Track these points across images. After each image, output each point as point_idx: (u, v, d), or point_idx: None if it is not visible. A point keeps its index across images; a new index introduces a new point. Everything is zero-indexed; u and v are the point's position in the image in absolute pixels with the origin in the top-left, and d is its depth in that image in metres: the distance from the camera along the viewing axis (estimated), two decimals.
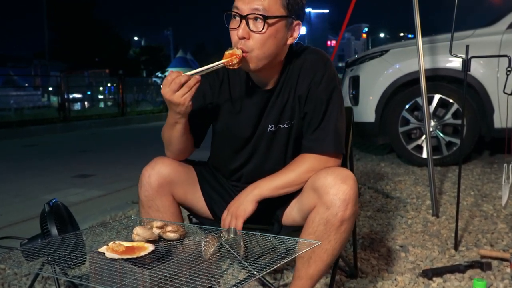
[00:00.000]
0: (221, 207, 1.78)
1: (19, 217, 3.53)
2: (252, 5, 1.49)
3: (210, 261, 1.29)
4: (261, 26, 1.50)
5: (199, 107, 1.68)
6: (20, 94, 18.40)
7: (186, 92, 1.46)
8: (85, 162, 6.37)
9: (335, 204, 1.50)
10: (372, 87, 4.70)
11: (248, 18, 1.50)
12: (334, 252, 1.57)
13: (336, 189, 1.50)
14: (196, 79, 1.47)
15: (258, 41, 1.52)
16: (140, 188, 1.70)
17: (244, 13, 1.49)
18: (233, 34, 1.53)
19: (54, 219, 1.75)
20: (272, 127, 1.68)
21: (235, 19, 1.53)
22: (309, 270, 1.58)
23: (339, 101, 1.66)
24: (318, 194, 1.53)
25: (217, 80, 1.71)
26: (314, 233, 1.53)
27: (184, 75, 1.46)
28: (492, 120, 4.31)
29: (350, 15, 4.50)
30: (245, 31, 1.51)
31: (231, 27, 1.54)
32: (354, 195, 1.52)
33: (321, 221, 1.52)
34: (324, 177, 1.53)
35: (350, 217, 1.52)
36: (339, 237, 1.54)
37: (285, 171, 1.65)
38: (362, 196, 3.55)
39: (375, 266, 2.26)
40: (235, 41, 1.53)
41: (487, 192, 3.55)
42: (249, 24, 1.50)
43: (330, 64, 1.66)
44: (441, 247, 2.47)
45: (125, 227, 1.67)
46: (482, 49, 4.15)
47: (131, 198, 3.78)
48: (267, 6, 1.49)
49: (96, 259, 1.28)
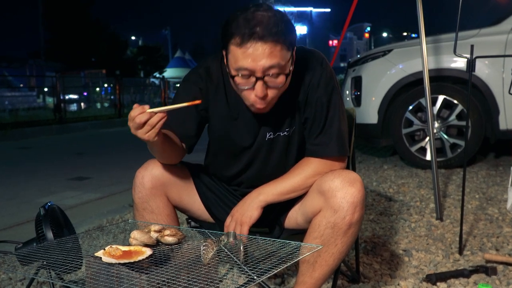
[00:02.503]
0: (219, 208, 1.78)
1: (14, 220, 3.54)
2: (267, 63, 1.43)
3: (209, 266, 1.29)
4: (281, 80, 1.48)
5: (190, 115, 1.67)
6: (15, 95, 18.39)
7: (149, 130, 1.41)
8: (81, 165, 6.37)
9: (343, 207, 1.50)
10: (375, 88, 4.71)
11: (265, 77, 1.46)
12: (340, 256, 1.58)
13: (344, 192, 1.50)
14: (160, 116, 1.39)
15: (277, 92, 1.51)
16: (134, 190, 1.71)
17: (259, 74, 1.44)
18: (247, 93, 1.50)
19: (50, 223, 1.75)
20: (271, 134, 1.67)
21: (244, 78, 1.47)
22: (314, 274, 1.59)
23: (339, 102, 1.65)
24: (324, 197, 1.54)
25: (211, 85, 1.68)
26: (320, 237, 1.54)
27: (146, 113, 1.38)
28: (498, 121, 4.31)
29: (352, 14, 4.51)
30: (264, 89, 1.47)
31: (242, 87, 1.49)
32: (362, 198, 1.53)
33: (328, 225, 1.53)
34: (331, 180, 1.54)
35: (358, 220, 1.53)
36: (346, 241, 1.55)
37: (290, 175, 1.65)
38: (365, 199, 3.55)
39: (377, 271, 2.26)
40: (252, 99, 1.50)
41: (492, 195, 3.55)
42: (266, 81, 1.47)
43: (326, 64, 1.64)
44: (445, 251, 2.47)
45: (122, 231, 1.67)
46: (487, 49, 4.16)
47: (128, 201, 3.78)
48: (282, 59, 1.44)
49: (93, 264, 1.29)
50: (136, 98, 20.43)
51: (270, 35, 1.41)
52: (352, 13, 4.49)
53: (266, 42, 1.41)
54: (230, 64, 1.48)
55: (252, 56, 1.42)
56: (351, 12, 4.48)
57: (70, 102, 18.49)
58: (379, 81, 4.69)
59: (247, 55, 1.42)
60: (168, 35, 59.86)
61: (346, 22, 4.63)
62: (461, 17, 2.59)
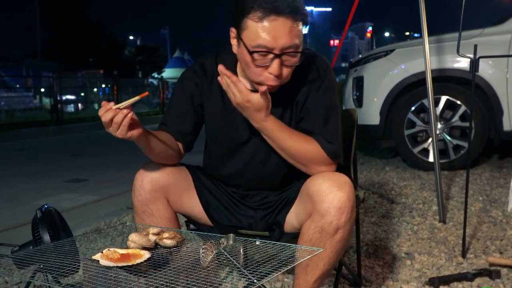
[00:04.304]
0: (218, 212, 1.78)
1: (10, 223, 3.54)
2: (288, 42, 1.45)
3: (208, 269, 1.29)
4: (297, 59, 1.50)
5: (186, 111, 1.68)
6: (11, 95, 18.43)
7: (117, 128, 1.41)
8: (79, 166, 6.37)
9: (329, 213, 1.49)
10: (377, 88, 4.71)
11: (282, 55, 1.48)
12: (330, 261, 1.57)
13: (331, 197, 1.49)
14: (124, 113, 1.39)
15: (290, 71, 1.53)
16: (133, 192, 1.70)
17: (277, 52, 1.46)
18: (261, 70, 1.50)
19: (47, 226, 1.75)
20: None
21: (261, 55, 1.48)
22: (307, 278, 1.59)
23: (339, 113, 1.66)
24: (313, 201, 1.53)
25: (205, 80, 1.70)
26: (309, 241, 1.54)
27: (111, 111, 1.39)
28: (501, 122, 4.31)
29: (353, 14, 4.51)
30: (280, 67, 1.49)
31: (259, 64, 1.49)
32: (350, 203, 1.51)
33: (316, 229, 1.52)
34: (320, 184, 1.52)
35: (345, 224, 1.51)
36: (334, 246, 1.54)
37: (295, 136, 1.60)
38: (366, 201, 3.56)
39: (379, 274, 2.26)
40: (264, 77, 1.51)
41: (496, 197, 3.55)
42: (283, 60, 1.49)
43: (330, 70, 1.66)
44: (448, 255, 2.48)
45: (120, 234, 1.67)
46: (490, 49, 4.16)
47: (126, 204, 3.78)
48: (300, 37, 1.48)
49: (90, 267, 1.29)
50: None
51: (290, 11, 1.43)
52: (354, 13, 4.49)
53: (287, 17, 1.43)
54: (247, 41, 1.48)
55: (272, 32, 1.43)
56: (352, 11, 4.49)
57: (67, 102, 18.48)
58: (381, 82, 4.69)
59: (267, 31, 1.44)
60: (167, 35, 59.93)
61: (348, 21, 4.64)
62: (464, 16, 2.60)
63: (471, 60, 2.41)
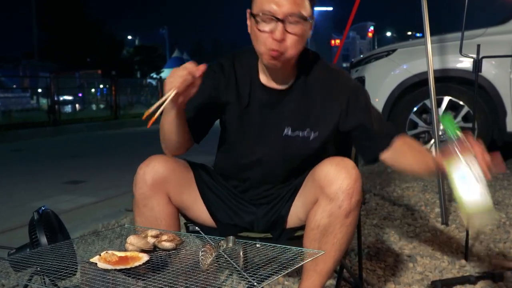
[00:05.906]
0: (220, 209, 1.79)
1: (7, 225, 3.53)
2: (291, 8, 1.53)
3: (207, 272, 1.29)
4: (299, 28, 1.56)
5: (202, 101, 1.71)
6: (8, 96, 18.44)
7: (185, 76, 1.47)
8: (76, 168, 6.37)
9: (338, 197, 1.53)
10: (378, 89, 4.71)
11: (285, 21, 1.54)
12: (341, 247, 1.60)
13: (340, 182, 1.53)
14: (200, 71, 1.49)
15: (294, 41, 1.57)
16: (135, 186, 1.71)
17: (280, 16, 1.53)
18: (266, 36, 1.56)
19: (44, 228, 1.75)
20: (289, 130, 1.70)
21: (266, 21, 1.55)
22: (317, 268, 1.60)
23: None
24: (320, 187, 1.56)
25: (223, 78, 1.74)
26: (317, 228, 1.56)
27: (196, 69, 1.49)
28: (505, 123, 4.32)
29: (355, 13, 4.51)
30: (283, 33, 1.54)
31: (263, 29, 1.56)
32: (357, 185, 1.55)
33: (324, 214, 1.55)
34: (327, 169, 1.56)
35: (356, 207, 1.56)
36: (345, 230, 1.57)
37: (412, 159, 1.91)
38: (368, 203, 3.56)
39: (381, 277, 2.26)
40: (268, 43, 1.56)
41: (499, 199, 3.55)
42: (286, 26, 1.54)
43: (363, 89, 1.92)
44: (451, 257, 2.48)
45: (118, 236, 1.67)
46: (494, 49, 4.16)
47: (124, 206, 3.78)
48: (303, 9, 1.55)
49: (88, 270, 1.29)
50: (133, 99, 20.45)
51: None
52: (355, 12, 4.49)
53: None
54: (254, 10, 1.57)
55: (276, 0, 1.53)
56: (354, 10, 4.49)
57: (64, 103, 18.51)
58: (383, 82, 4.70)
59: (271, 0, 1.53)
60: (165, 35, 59.99)
61: (349, 21, 4.63)
62: (466, 16, 2.60)
63: (474, 60, 2.41)
